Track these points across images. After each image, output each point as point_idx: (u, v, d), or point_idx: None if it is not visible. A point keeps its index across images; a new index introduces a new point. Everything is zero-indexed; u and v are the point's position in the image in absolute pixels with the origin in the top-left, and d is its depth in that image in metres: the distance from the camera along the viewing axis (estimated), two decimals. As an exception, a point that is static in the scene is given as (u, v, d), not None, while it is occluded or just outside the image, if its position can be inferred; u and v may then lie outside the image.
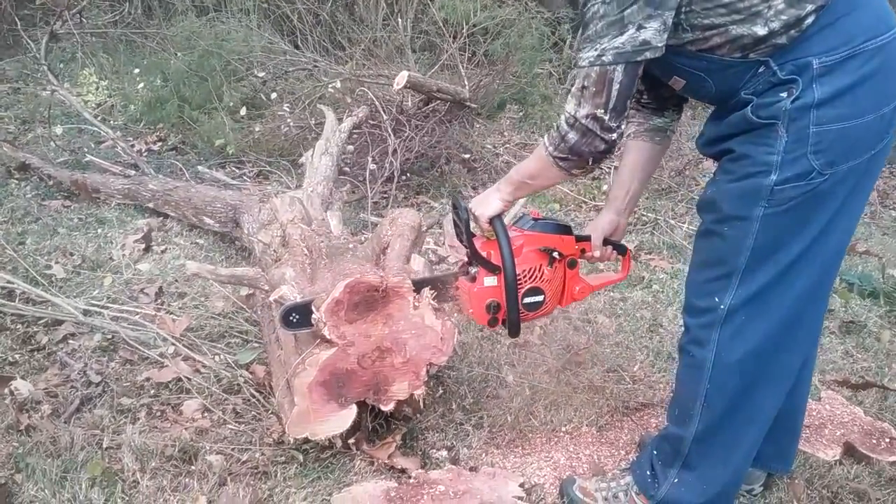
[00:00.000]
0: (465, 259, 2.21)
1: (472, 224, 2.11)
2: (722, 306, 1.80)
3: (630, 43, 1.65)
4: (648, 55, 1.67)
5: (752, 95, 1.70)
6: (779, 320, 1.80)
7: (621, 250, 2.29)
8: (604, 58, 1.68)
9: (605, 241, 2.22)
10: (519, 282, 2.10)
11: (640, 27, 1.64)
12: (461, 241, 2.18)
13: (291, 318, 2.22)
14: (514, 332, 2.18)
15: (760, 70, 1.69)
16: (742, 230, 1.74)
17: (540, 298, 2.17)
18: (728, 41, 1.68)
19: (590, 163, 1.84)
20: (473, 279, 2.16)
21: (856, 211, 1.80)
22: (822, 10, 1.62)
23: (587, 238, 2.20)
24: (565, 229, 2.18)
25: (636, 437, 2.46)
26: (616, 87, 1.70)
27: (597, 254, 2.23)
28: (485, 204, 2.06)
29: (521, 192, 2.06)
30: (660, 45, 1.67)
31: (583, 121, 1.75)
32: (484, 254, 2.12)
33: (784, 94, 1.65)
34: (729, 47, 1.68)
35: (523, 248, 2.12)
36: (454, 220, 2.17)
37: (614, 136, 1.77)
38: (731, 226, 1.76)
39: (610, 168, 4.60)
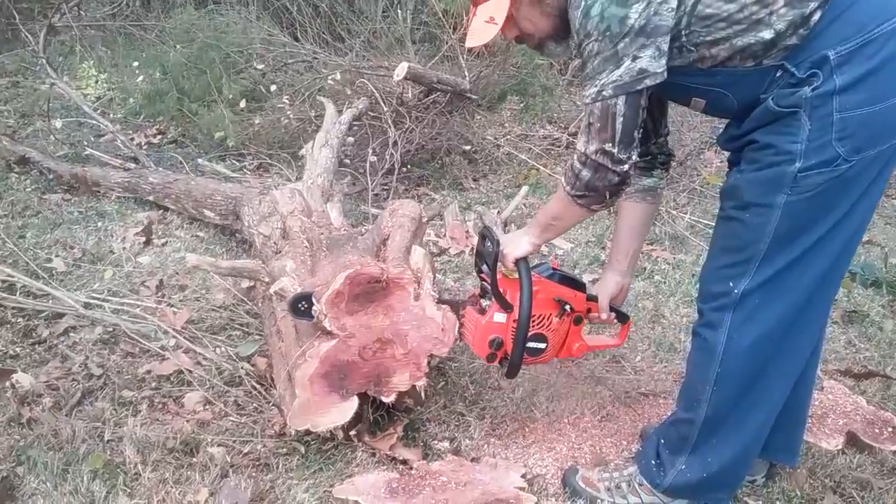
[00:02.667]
0: (479, 290, 2.25)
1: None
2: (736, 290, 1.81)
3: (627, 74, 1.69)
4: (648, 82, 1.70)
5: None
6: (793, 304, 1.80)
7: (622, 318, 2.35)
8: (604, 92, 1.72)
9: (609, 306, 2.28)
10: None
11: (635, 57, 1.68)
12: (479, 273, 2.22)
13: (300, 306, 2.23)
14: (512, 373, 2.23)
15: (778, 75, 1.69)
16: (764, 217, 1.74)
17: (542, 346, 2.22)
18: (737, 52, 1.69)
19: (607, 196, 1.89)
20: (483, 311, 2.19)
21: (877, 196, 1.79)
22: (827, 5, 1.62)
23: (595, 299, 2.26)
24: (580, 286, 2.24)
25: (638, 427, 2.45)
26: (620, 119, 1.74)
27: (603, 316, 2.29)
28: (514, 244, 2.11)
29: (549, 234, 2.13)
30: (658, 70, 1.69)
31: (593, 157, 1.80)
32: (501, 290, 2.14)
33: (805, 86, 1.65)
34: (740, 57, 1.69)
35: (538, 293, 2.16)
36: (478, 250, 2.20)
37: (626, 167, 1.81)
38: (753, 212, 1.76)
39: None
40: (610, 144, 1.77)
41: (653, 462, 2.06)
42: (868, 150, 1.66)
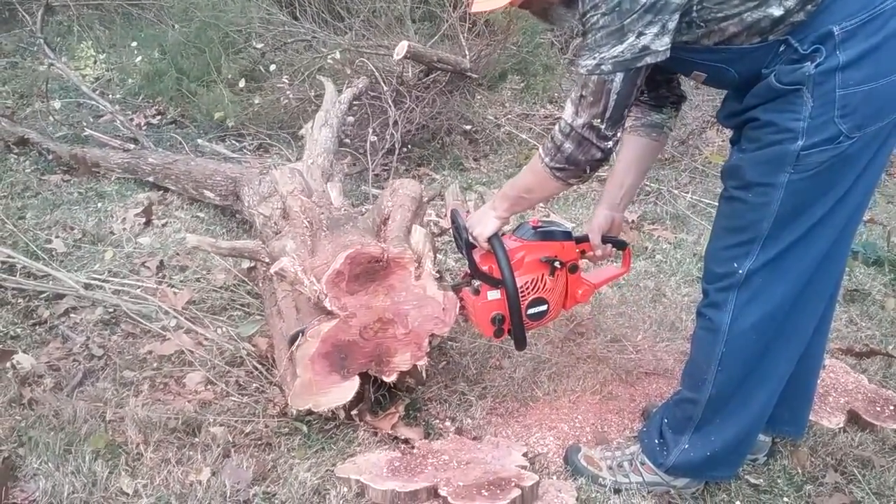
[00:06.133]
0: (468, 271, 2.22)
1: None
2: (740, 271, 1.80)
3: (629, 51, 1.64)
4: (649, 60, 1.66)
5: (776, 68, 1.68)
6: (796, 282, 1.80)
7: (620, 245, 2.30)
8: (603, 67, 1.67)
9: (604, 239, 2.23)
10: (522, 294, 2.13)
11: (639, 34, 1.63)
12: (462, 253, 2.20)
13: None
14: (520, 345, 2.22)
15: (781, 49, 1.67)
16: (767, 196, 1.73)
17: (544, 308, 2.19)
18: (745, 28, 1.66)
19: (587, 171, 1.86)
20: (477, 292, 2.18)
21: (878, 172, 1.79)
22: None
23: (586, 238, 2.22)
24: (565, 235, 2.20)
25: (640, 406, 2.46)
26: (614, 96, 1.70)
27: (598, 252, 2.25)
28: (482, 223, 2.08)
29: (518, 208, 2.09)
30: (661, 49, 1.65)
31: (579, 129, 1.77)
32: (485, 268, 2.13)
33: (808, 62, 1.63)
34: (747, 34, 1.67)
35: (524, 259, 2.14)
36: (454, 234, 2.19)
37: (610, 143, 1.79)
38: (756, 192, 1.75)
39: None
40: (599, 120, 1.74)
41: (656, 441, 2.06)
42: (869, 126, 1.65)
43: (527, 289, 2.14)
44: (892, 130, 1.70)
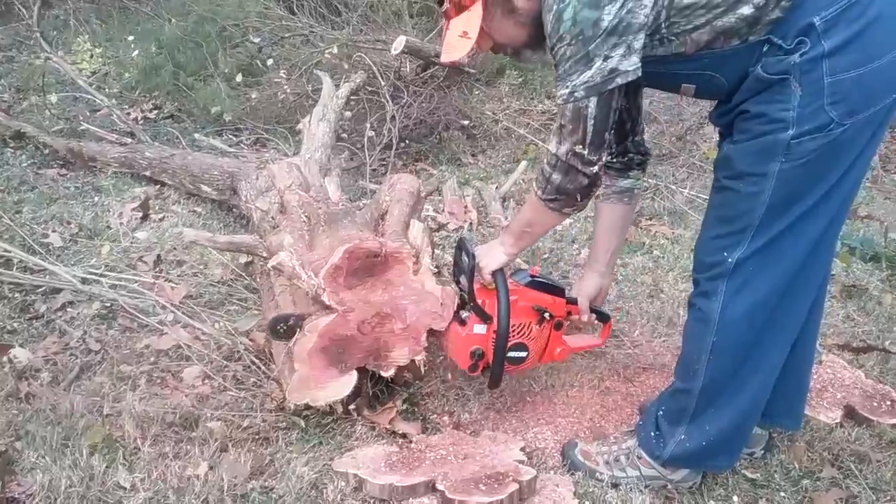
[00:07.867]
0: (458, 300, 2.25)
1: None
2: (730, 259, 1.80)
3: (599, 74, 1.70)
4: (619, 81, 1.71)
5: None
6: (786, 271, 1.80)
7: (603, 318, 2.37)
8: (575, 94, 1.73)
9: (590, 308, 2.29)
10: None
11: (606, 57, 1.68)
12: (458, 283, 2.23)
13: (280, 328, 2.23)
14: (494, 384, 2.24)
15: (766, 49, 1.68)
16: (758, 186, 1.73)
17: (523, 354, 2.23)
18: (719, 33, 1.68)
19: (578, 199, 1.91)
20: (464, 322, 2.19)
21: (867, 160, 1.80)
22: None
23: (575, 302, 2.27)
24: (559, 291, 2.24)
25: (637, 401, 2.46)
26: (591, 121, 1.75)
27: (584, 318, 2.31)
28: (490, 256, 2.12)
29: (524, 242, 2.15)
30: (630, 69, 1.70)
31: (563, 158, 1.82)
32: (480, 301, 2.14)
33: (794, 54, 1.63)
34: (723, 38, 1.69)
35: (517, 302, 2.16)
36: (455, 260, 2.21)
37: (595, 168, 1.83)
38: (747, 182, 1.75)
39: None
40: (581, 146, 1.79)
41: (652, 434, 2.06)
42: (861, 112, 1.66)
43: (513, 331, 2.17)
44: (885, 116, 1.71)
